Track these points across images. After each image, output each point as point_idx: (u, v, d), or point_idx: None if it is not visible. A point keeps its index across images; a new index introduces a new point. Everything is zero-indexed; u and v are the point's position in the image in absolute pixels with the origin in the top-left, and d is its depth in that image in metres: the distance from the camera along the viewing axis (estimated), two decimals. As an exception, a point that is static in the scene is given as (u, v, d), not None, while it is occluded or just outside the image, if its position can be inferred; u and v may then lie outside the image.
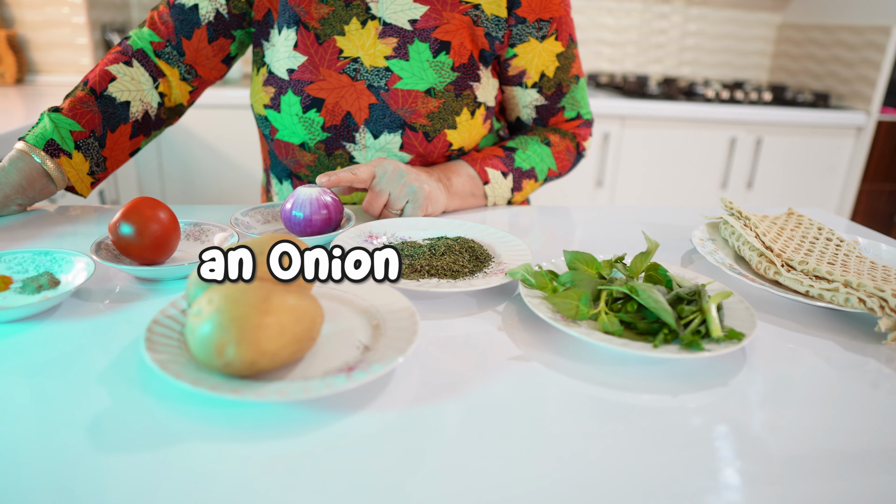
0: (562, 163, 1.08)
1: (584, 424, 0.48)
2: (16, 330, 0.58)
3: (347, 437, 0.45)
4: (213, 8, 0.96)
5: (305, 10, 0.93)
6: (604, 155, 2.41)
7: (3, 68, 2.25)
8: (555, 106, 1.06)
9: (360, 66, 0.94)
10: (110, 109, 0.94)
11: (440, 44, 0.93)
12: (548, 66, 1.02)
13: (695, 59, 2.94)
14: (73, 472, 0.41)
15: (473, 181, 0.97)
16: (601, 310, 0.61)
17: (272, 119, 0.97)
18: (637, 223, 0.97)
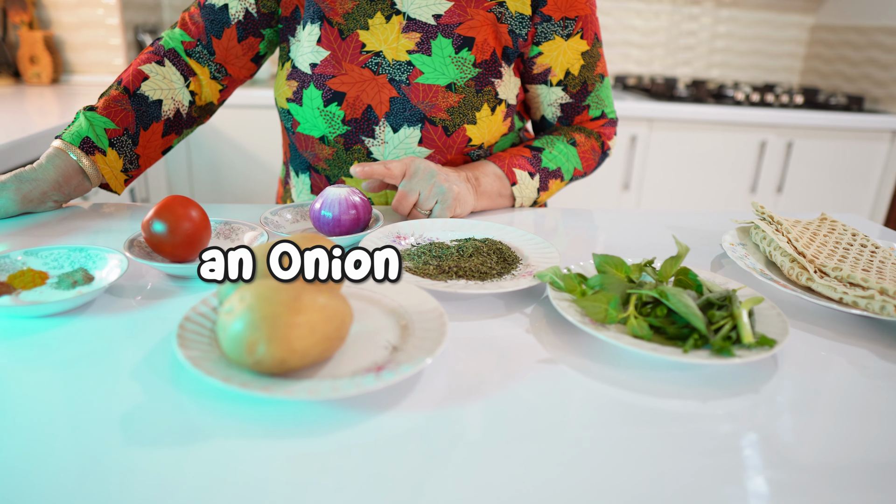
0: (587, 162, 1.08)
1: (612, 429, 0.48)
2: (51, 324, 0.60)
3: (376, 436, 0.46)
4: (243, 7, 0.97)
5: (330, 6, 0.94)
6: (630, 158, 2.39)
7: (40, 68, 2.30)
8: (580, 104, 1.06)
9: (382, 60, 0.94)
10: (143, 108, 0.95)
11: (463, 39, 0.94)
12: (573, 65, 1.01)
13: (724, 61, 2.91)
14: (105, 464, 0.42)
15: (501, 181, 0.97)
16: (630, 314, 0.60)
17: (294, 112, 0.98)
18: (665, 227, 0.96)
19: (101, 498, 0.39)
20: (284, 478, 0.41)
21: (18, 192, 0.85)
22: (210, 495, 0.40)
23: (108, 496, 0.39)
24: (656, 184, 2.45)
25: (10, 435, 0.44)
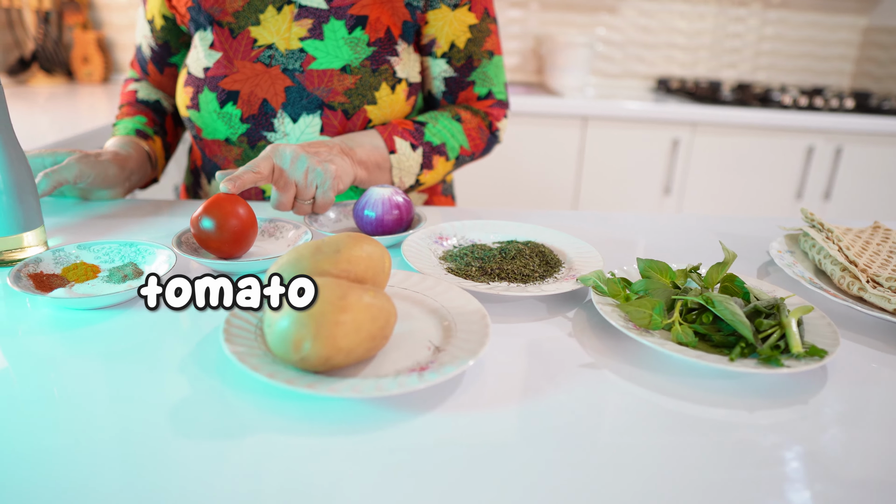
0: (474, 142, 1.02)
1: (655, 436, 0.47)
2: (102, 316, 0.61)
3: (418, 436, 0.46)
4: (148, 44, 1.07)
5: (220, 9, 0.94)
6: (673, 162, 2.36)
7: (92, 68, 2.37)
8: (464, 79, 1.02)
9: (274, 52, 0.93)
10: (151, 108, 1.07)
11: (356, 19, 0.92)
12: (458, 37, 0.98)
13: (771, 63, 2.84)
14: (151, 455, 0.43)
15: (379, 151, 0.92)
16: (675, 320, 0.60)
17: (194, 119, 0.98)
18: (710, 232, 0.95)
19: (146, 488, 0.40)
20: (326, 475, 0.42)
21: (117, 157, 0.93)
22: (253, 490, 0.40)
23: (154, 487, 0.40)
24: (698, 188, 2.41)
25: (60, 422, 0.46)
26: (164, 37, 1.05)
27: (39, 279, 0.66)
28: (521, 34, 2.73)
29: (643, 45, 2.77)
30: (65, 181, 0.84)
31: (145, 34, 1.06)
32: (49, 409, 0.47)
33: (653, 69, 2.81)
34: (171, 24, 1.03)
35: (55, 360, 0.54)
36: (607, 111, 2.27)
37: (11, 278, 0.62)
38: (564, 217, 0.99)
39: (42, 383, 0.50)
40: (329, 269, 0.53)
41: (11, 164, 0.69)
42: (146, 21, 1.05)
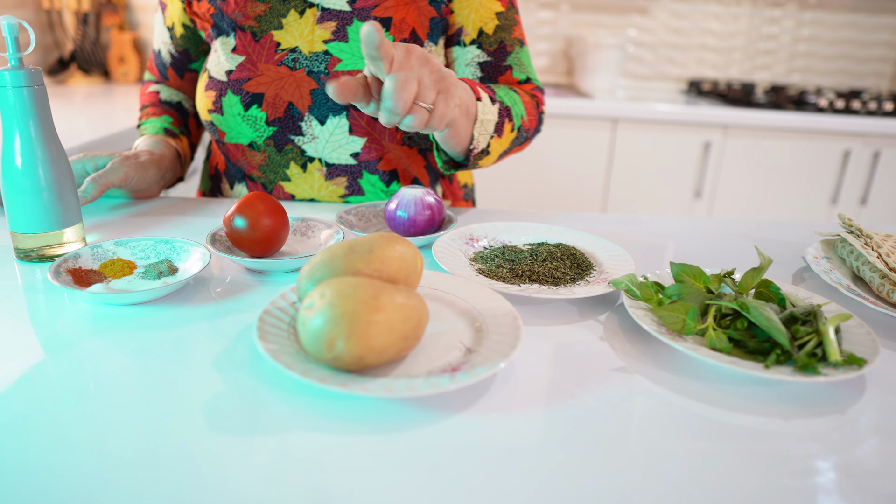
0: (530, 115, 0.97)
1: (687, 443, 0.47)
2: (138, 312, 0.62)
3: (448, 437, 0.46)
4: (168, 50, 1.08)
5: (242, 14, 0.94)
6: (704, 165, 2.33)
7: (127, 68, 2.41)
8: (500, 63, 1.00)
9: (298, 55, 0.93)
10: (174, 109, 1.09)
11: (380, 21, 0.91)
12: (486, 23, 0.97)
13: (807, 65, 2.79)
14: (184, 449, 0.43)
15: (467, 93, 0.81)
16: (709, 325, 0.59)
17: (217, 123, 0.98)
18: (743, 237, 0.93)
19: (177, 480, 0.41)
20: (356, 473, 0.42)
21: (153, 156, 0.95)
22: (282, 486, 0.41)
23: (185, 480, 0.41)
24: (730, 192, 2.38)
25: (93, 414, 0.47)
26: (183, 44, 1.06)
27: (78, 274, 0.67)
28: (551, 35, 2.72)
29: (675, 47, 2.74)
30: (111, 185, 0.86)
31: (164, 40, 1.07)
32: (83, 400, 0.48)
33: (684, 71, 2.78)
34: (190, 31, 1.04)
35: (91, 354, 0.55)
36: (638, 113, 2.25)
37: (52, 273, 0.64)
38: (594, 219, 0.98)
39: (77, 376, 0.51)
40: (362, 268, 0.54)
41: (53, 162, 0.71)
42: (165, 28, 1.06)
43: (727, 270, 0.68)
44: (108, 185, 0.86)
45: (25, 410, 0.47)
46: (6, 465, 0.41)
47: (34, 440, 0.44)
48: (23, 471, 0.41)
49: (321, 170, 0.97)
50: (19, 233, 0.72)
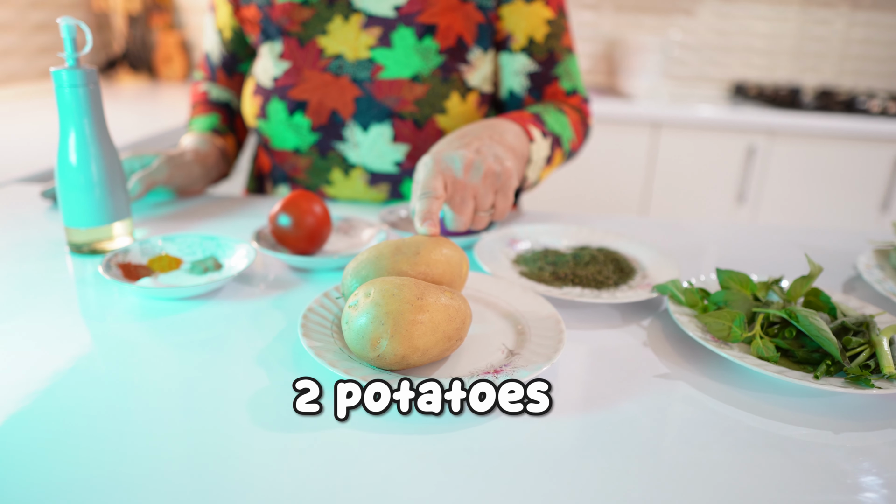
0: (578, 135, 0.96)
1: (732, 453, 0.46)
2: (184, 307, 0.64)
3: (489, 440, 0.46)
4: (217, 52, 1.10)
5: (288, 19, 0.95)
6: (748, 169, 2.28)
7: (173, 67, 2.46)
8: (549, 73, 0.98)
9: (343, 62, 0.93)
10: (223, 108, 1.10)
11: (425, 28, 0.91)
12: (536, 31, 0.95)
13: (858, 68, 2.72)
14: (226, 443, 0.44)
15: (520, 139, 0.80)
16: (756, 333, 0.58)
17: (262, 129, 0.99)
18: (789, 244, 0.91)
19: (218, 474, 0.41)
20: (396, 472, 0.42)
21: (198, 155, 0.98)
22: (322, 483, 0.41)
23: (225, 474, 0.41)
24: (774, 198, 2.33)
25: (138, 405, 0.48)
26: (232, 47, 1.08)
27: (127, 269, 0.69)
28: (593, 37, 2.69)
29: (719, 49, 2.69)
30: (157, 183, 0.89)
31: (214, 42, 1.10)
32: (128, 391, 0.49)
33: (729, 73, 2.73)
34: (238, 35, 1.07)
35: (138, 346, 0.56)
36: (680, 116, 2.22)
37: (103, 267, 0.65)
38: (634, 223, 0.97)
39: (124, 367, 0.53)
40: (407, 269, 0.54)
41: (105, 159, 0.73)
42: (215, 31, 1.08)
43: (775, 278, 0.66)
44: (153, 184, 0.88)
45: (73, 398, 0.48)
46: (53, 450, 0.43)
47: (81, 428, 0.45)
48: (68, 458, 0.42)
49: (364, 176, 0.98)
50: (72, 227, 0.74)
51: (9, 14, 1.93)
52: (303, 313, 0.56)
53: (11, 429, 0.45)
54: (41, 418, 0.46)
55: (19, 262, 0.72)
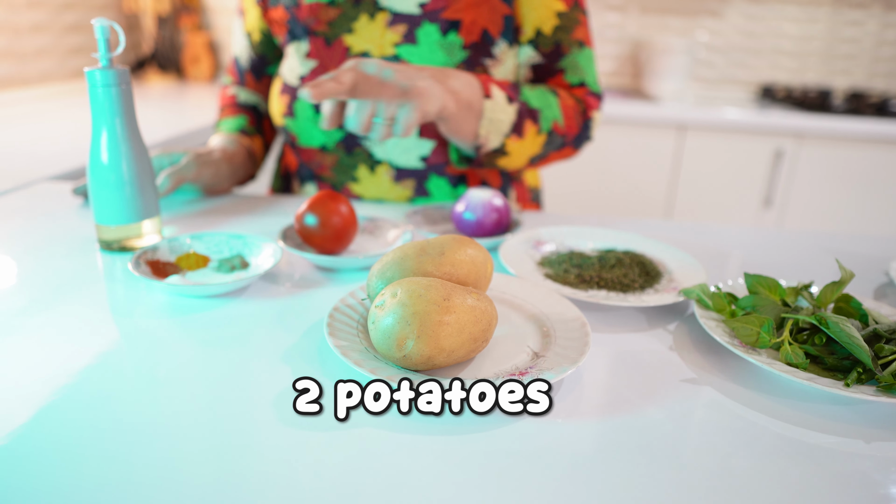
0: (569, 120, 0.95)
1: (759, 460, 0.45)
2: (212, 304, 0.64)
3: (513, 442, 0.46)
4: (246, 55, 1.11)
5: (314, 19, 0.95)
6: (775, 173, 2.25)
7: (201, 68, 2.49)
8: (553, 66, 0.97)
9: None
10: (250, 110, 1.12)
11: (450, 23, 0.90)
12: (545, 23, 0.94)
13: (891, 70, 2.67)
14: (251, 440, 0.45)
15: (473, 89, 0.85)
16: (785, 339, 0.57)
17: (290, 127, 1.00)
18: (818, 249, 0.90)
19: (244, 471, 0.42)
20: (419, 473, 0.42)
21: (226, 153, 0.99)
22: (347, 481, 0.41)
23: (251, 471, 0.42)
24: (802, 202, 2.29)
25: (165, 401, 0.48)
26: (260, 49, 1.10)
27: (156, 266, 0.69)
28: (619, 38, 2.68)
29: (747, 51, 2.66)
30: (185, 180, 0.90)
31: (243, 45, 1.11)
32: (155, 387, 0.50)
33: (756, 75, 2.69)
34: (267, 37, 1.08)
35: (165, 343, 0.57)
36: (706, 119, 2.19)
37: (132, 264, 0.66)
38: (658, 226, 0.96)
39: (151, 363, 0.54)
40: (432, 270, 0.54)
41: (136, 158, 0.74)
42: (244, 34, 1.10)
43: (804, 283, 0.65)
44: (181, 180, 0.89)
45: (101, 392, 0.49)
46: (80, 445, 0.43)
47: (108, 422, 0.46)
48: (95, 452, 0.43)
49: (389, 172, 0.98)
50: (103, 224, 0.75)
51: (43, 15, 1.96)
52: (329, 312, 0.56)
53: (42, 421, 0.45)
54: (71, 411, 0.47)
55: (50, 259, 0.74)
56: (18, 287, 0.67)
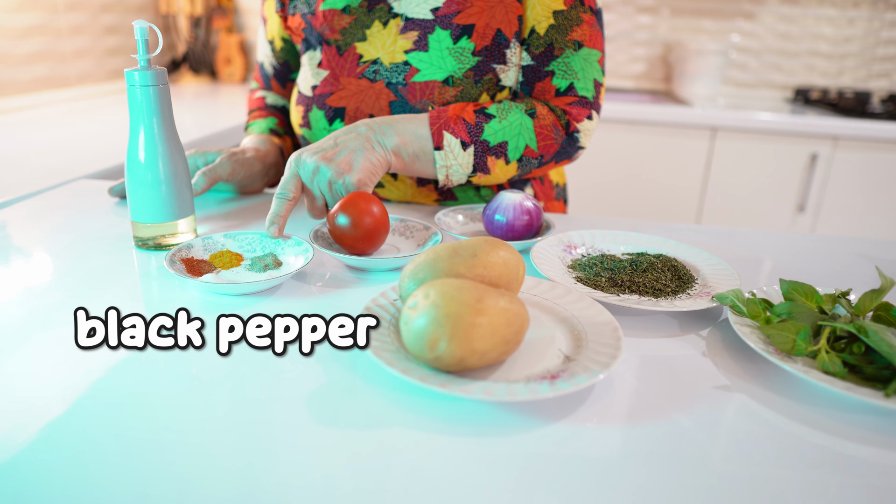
0: (544, 142, 0.90)
1: (796, 471, 0.44)
2: (244, 302, 0.65)
3: (543, 446, 0.45)
4: (270, 63, 1.13)
5: (329, 27, 0.95)
6: (809, 177, 2.21)
7: (233, 69, 2.52)
8: (541, 69, 0.92)
9: (379, 67, 0.93)
10: (280, 112, 1.13)
11: (461, 28, 0.89)
12: (540, 23, 0.90)
13: (930, 75, 2.60)
14: (282, 439, 0.45)
15: (420, 142, 0.86)
16: (822, 347, 0.56)
17: (307, 137, 1.00)
18: (855, 256, 0.88)
19: (275, 468, 0.42)
20: (449, 474, 0.42)
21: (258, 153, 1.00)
22: (376, 480, 0.41)
23: (282, 468, 0.42)
24: (837, 207, 2.25)
25: (198, 398, 0.49)
26: (283, 56, 1.11)
27: (190, 264, 0.70)
28: (650, 41, 2.65)
29: (781, 53, 2.61)
30: (219, 178, 0.91)
31: (266, 53, 1.12)
32: (187, 383, 0.51)
33: (791, 78, 2.65)
34: (289, 45, 1.09)
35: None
36: (739, 122, 2.16)
37: (167, 261, 0.67)
38: (689, 230, 0.95)
39: (184, 360, 0.54)
40: (464, 272, 0.54)
41: (172, 157, 0.75)
42: (267, 42, 1.11)
43: (842, 291, 0.64)
44: (216, 179, 0.90)
45: (135, 388, 0.50)
46: (112, 440, 0.44)
47: (141, 418, 0.47)
48: (127, 447, 0.43)
49: (412, 177, 0.98)
50: (139, 222, 0.76)
51: (82, 17, 2.01)
52: (360, 313, 0.57)
53: (77, 414, 0.46)
54: (104, 407, 0.48)
55: (87, 255, 0.75)
56: (56, 282, 0.68)
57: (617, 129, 2.25)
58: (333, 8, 0.95)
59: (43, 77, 1.89)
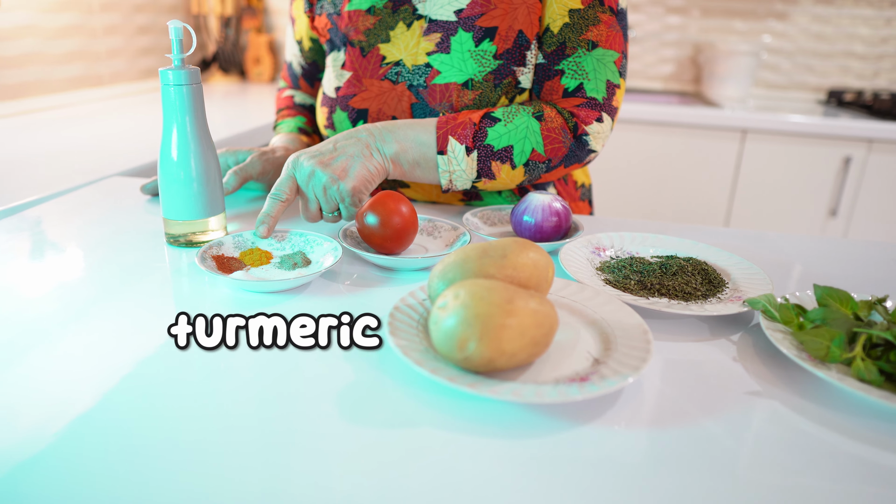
0: (552, 145, 0.88)
1: (828, 481, 0.44)
2: (274, 300, 0.66)
3: (572, 449, 0.45)
4: (298, 63, 1.14)
5: (353, 28, 0.95)
6: (842, 181, 2.17)
7: (262, 68, 2.55)
8: (551, 68, 0.90)
9: (401, 69, 0.92)
10: (308, 111, 1.14)
11: (484, 31, 0.88)
12: (555, 20, 0.89)
13: (969, 77, 2.54)
14: (311, 435, 0.45)
15: (422, 149, 0.86)
16: (857, 354, 0.55)
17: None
18: (892, 261, 0.86)
19: (306, 467, 0.42)
20: (476, 474, 0.42)
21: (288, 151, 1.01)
22: (403, 479, 0.42)
23: (313, 467, 0.42)
24: (872, 212, 2.20)
25: (226, 394, 0.50)
26: (311, 56, 1.12)
27: (221, 261, 0.71)
28: (679, 41, 2.63)
29: (815, 54, 2.57)
30: (250, 177, 0.93)
31: (294, 53, 1.13)
32: (216, 379, 0.52)
33: (824, 80, 2.60)
34: (317, 45, 1.10)
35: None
36: (770, 124, 2.13)
37: (199, 258, 0.68)
38: (718, 234, 0.93)
39: (213, 356, 0.55)
40: (494, 273, 0.54)
41: (204, 155, 0.76)
42: (295, 42, 1.12)
43: (878, 297, 0.63)
44: (247, 178, 0.92)
45: (165, 382, 0.51)
46: (140, 432, 0.45)
47: (170, 411, 0.47)
48: (155, 445, 0.44)
49: None
50: (171, 219, 0.77)
51: (116, 18, 2.04)
52: (389, 311, 0.57)
53: (104, 409, 0.47)
54: (133, 400, 0.48)
55: (119, 251, 0.77)
56: (89, 277, 0.70)
57: (645, 131, 2.23)
58: (359, 9, 0.95)
59: (77, 76, 1.92)
